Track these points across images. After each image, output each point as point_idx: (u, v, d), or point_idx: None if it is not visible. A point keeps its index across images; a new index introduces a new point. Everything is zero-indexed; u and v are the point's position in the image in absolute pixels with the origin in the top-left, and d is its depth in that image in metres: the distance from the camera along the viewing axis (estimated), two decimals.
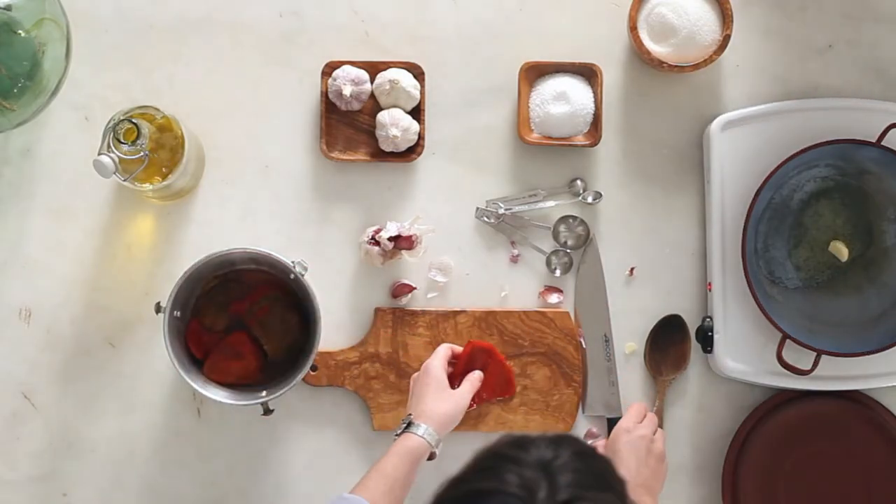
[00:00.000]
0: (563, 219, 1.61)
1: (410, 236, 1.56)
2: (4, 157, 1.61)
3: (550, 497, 0.98)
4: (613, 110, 1.62)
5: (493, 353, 1.56)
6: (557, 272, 1.61)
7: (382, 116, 1.58)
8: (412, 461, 1.41)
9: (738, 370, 1.56)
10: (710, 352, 1.57)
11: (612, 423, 1.57)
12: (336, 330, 1.60)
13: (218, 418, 1.60)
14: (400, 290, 1.60)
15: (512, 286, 1.61)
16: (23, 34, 1.53)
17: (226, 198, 1.61)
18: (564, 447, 1.02)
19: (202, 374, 1.54)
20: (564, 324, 1.59)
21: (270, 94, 1.62)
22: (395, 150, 1.59)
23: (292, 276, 1.50)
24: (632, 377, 1.61)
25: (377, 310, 1.60)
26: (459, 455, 1.09)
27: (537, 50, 1.61)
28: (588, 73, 1.60)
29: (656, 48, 1.57)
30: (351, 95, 1.57)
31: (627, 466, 1.45)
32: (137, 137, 1.45)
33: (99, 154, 1.44)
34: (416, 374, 1.53)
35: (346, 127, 1.61)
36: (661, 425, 1.59)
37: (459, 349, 1.55)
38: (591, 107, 1.59)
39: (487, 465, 1.03)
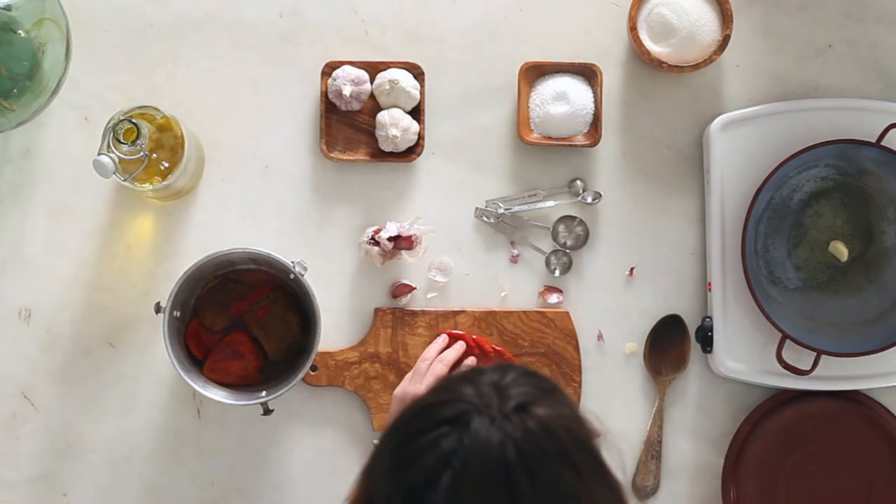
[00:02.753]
0: (563, 219, 1.61)
1: (410, 236, 1.56)
2: (4, 157, 1.61)
3: (504, 403, 1.04)
4: (613, 110, 1.62)
5: (481, 345, 1.57)
6: (557, 272, 1.61)
7: (382, 116, 1.58)
8: None
9: (738, 370, 1.56)
10: (710, 352, 1.57)
11: None
12: (336, 330, 1.60)
13: (218, 418, 1.60)
14: (400, 290, 1.60)
15: (511, 286, 1.61)
16: (23, 34, 1.53)
17: (225, 198, 1.61)
18: (511, 369, 1.09)
19: (202, 374, 1.54)
20: (564, 324, 1.59)
21: (270, 94, 1.62)
22: (394, 151, 1.59)
23: (292, 276, 1.50)
24: (631, 377, 1.61)
25: (377, 310, 1.60)
26: None
27: (537, 50, 1.61)
28: (588, 74, 1.60)
29: (656, 48, 1.57)
30: (351, 95, 1.57)
31: None
32: (137, 137, 1.45)
33: (99, 154, 1.45)
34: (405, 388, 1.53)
35: (346, 127, 1.61)
36: (661, 425, 1.59)
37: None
38: (590, 107, 1.59)
39: (445, 385, 1.10)
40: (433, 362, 1.53)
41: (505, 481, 1.01)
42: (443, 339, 1.56)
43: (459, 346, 1.56)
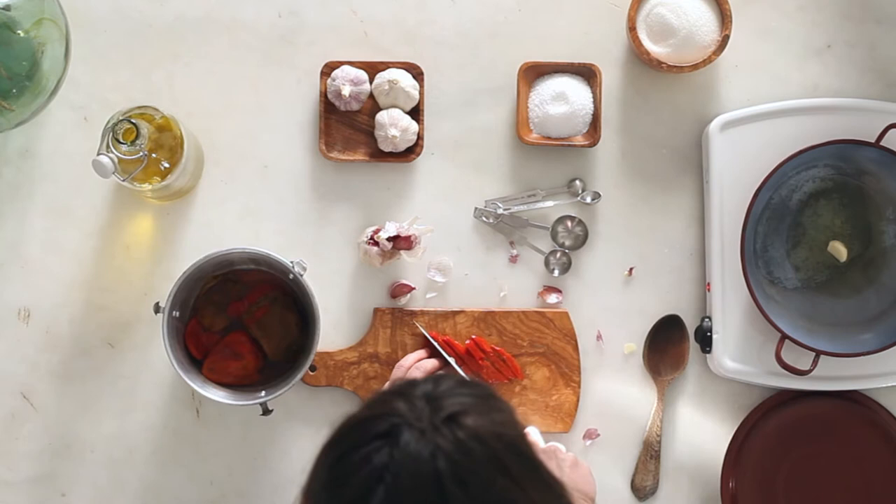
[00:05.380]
0: (562, 219, 1.61)
1: (409, 236, 1.56)
2: (3, 157, 1.61)
3: (435, 415, 1.03)
4: (612, 111, 1.62)
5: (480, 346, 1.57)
6: (556, 272, 1.61)
7: (381, 117, 1.58)
8: None
9: (737, 370, 1.56)
10: (709, 352, 1.57)
11: None
12: (335, 330, 1.60)
13: (217, 418, 1.60)
14: (399, 290, 1.60)
15: (511, 286, 1.61)
16: (22, 34, 1.53)
17: (225, 198, 1.61)
18: (445, 380, 1.08)
19: (201, 375, 1.54)
20: (563, 324, 1.59)
21: (269, 94, 1.62)
22: (393, 151, 1.59)
23: (291, 276, 1.50)
24: (630, 377, 1.61)
25: (376, 310, 1.60)
26: None
27: (536, 50, 1.61)
28: (587, 74, 1.60)
29: (655, 48, 1.57)
30: (350, 96, 1.57)
31: None
32: (136, 137, 1.45)
33: (98, 154, 1.45)
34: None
35: (345, 127, 1.61)
36: (660, 425, 1.59)
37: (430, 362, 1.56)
38: (589, 107, 1.59)
39: (378, 399, 1.09)
40: (411, 369, 1.53)
41: (437, 493, 1.01)
42: (422, 352, 1.57)
43: (436, 361, 1.56)
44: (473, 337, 1.58)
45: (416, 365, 1.54)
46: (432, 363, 1.55)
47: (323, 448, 1.09)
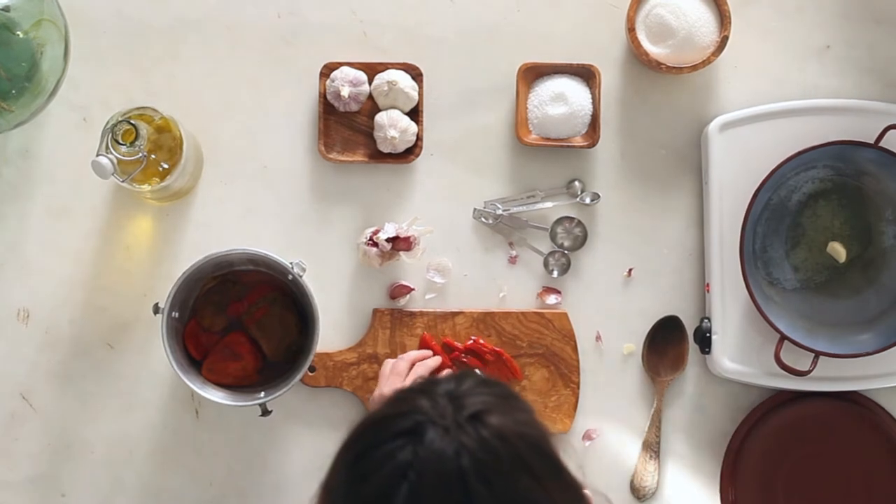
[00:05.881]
0: (561, 220, 1.61)
1: (408, 237, 1.56)
2: (3, 157, 1.61)
3: (458, 413, 1.04)
4: (611, 111, 1.62)
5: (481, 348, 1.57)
6: (555, 273, 1.61)
7: (380, 118, 1.58)
8: None
9: (736, 371, 1.56)
10: (708, 353, 1.57)
11: None
12: (334, 331, 1.60)
13: (216, 419, 1.60)
14: (398, 291, 1.60)
15: (510, 287, 1.61)
16: (21, 35, 1.53)
17: (224, 199, 1.62)
18: (467, 378, 1.09)
19: (200, 375, 1.54)
20: (562, 324, 1.59)
21: (269, 95, 1.62)
22: (393, 152, 1.59)
23: (290, 276, 1.50)
24: (630, 378, 1.61)
25: (375, 311, 1.60)
26: None
27: (535, 51, 1.61)
28: (586, 75, 1.60)
29: (654, 49, 1.57)
30: (349, 96, 1.57)
31: None
32: (136, 138, 1.45)
33: (97, 155, 1.45)
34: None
35: (345, 128, 1.61)
36: (659, 426, 1.59)
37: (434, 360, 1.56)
38: (589, 108, 1.59)
39: (401, 397, 1.09)
40: (416, 366, 1.52)
41: (462, 491, 1.01)
42: (426, 352, 1.57)
43: (438, 359, 1.56)
44: (473, 338, 1.58)
45: (422, 362, 1.53)
46: (436, 362, 1.54)
47: (344, 444, 1.09)
